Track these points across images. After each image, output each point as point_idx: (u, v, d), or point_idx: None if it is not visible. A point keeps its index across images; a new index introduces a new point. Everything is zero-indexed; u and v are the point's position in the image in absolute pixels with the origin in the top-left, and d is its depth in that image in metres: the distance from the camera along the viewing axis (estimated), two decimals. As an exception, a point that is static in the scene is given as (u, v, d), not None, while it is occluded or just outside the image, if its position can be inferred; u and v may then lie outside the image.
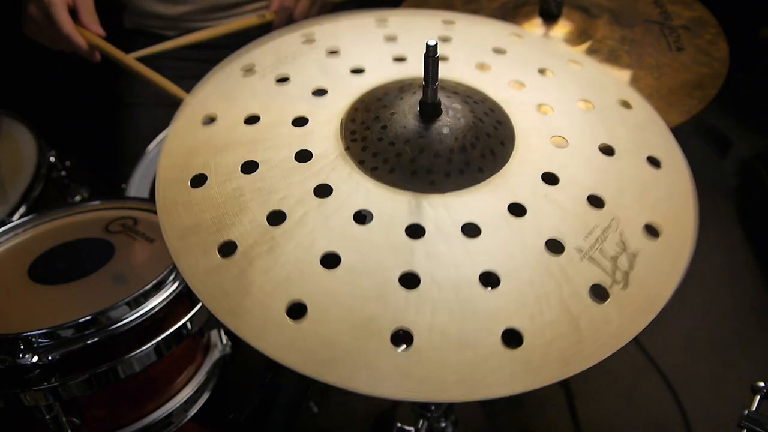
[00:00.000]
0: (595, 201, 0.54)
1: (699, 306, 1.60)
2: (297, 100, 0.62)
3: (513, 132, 0.59)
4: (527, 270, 0.49)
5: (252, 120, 0.60)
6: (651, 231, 0.53)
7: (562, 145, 0.59)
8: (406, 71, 0.65)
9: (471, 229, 0.51)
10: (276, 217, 0.52)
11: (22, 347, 0.67)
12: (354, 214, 0.52)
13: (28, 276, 0.80)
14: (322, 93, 0.63)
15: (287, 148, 0.57)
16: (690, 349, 1.56)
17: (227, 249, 0.51)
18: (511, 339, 0.46)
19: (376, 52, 0.68)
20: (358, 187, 0.54)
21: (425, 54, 0.52)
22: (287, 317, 0.47)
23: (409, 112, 0.58)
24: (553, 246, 0.51)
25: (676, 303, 0.48)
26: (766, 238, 1.77)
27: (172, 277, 0.76)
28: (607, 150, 0.59)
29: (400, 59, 0.67)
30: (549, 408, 1.42)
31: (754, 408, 0.68)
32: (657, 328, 0.47)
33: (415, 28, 0.72)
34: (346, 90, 0.63)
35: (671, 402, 1.44)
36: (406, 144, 0.56)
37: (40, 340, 0.68)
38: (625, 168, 0.57)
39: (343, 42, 0.69)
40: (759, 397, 0.69)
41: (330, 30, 0.71)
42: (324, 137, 0.58)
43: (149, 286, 0.74)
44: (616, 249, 0.51)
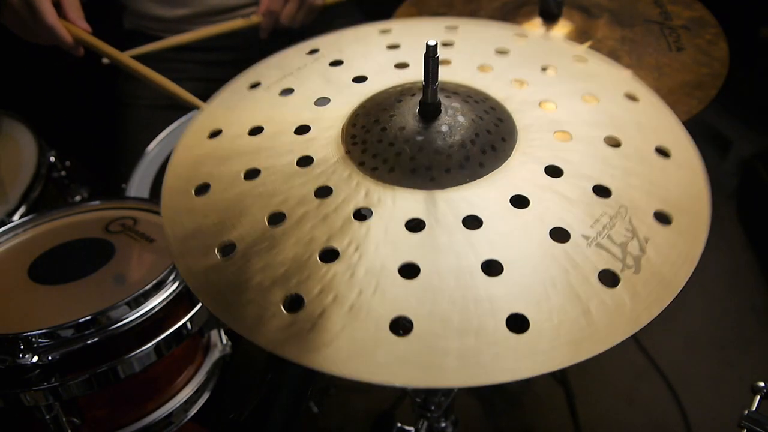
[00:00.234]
0: (602, 191, 0.53)
1: (699, 306, 1.60)
2: (300, 109, 0.63)
3: (515, 128, 0.59)
4: (531, 257, 0.49)
5: (256, 131, 0.61)
6: (662, 218, 0.52)
7: (565, 140, 0.58)
8: (408, 77, 0.66)
9: (472, 221, 0.51)
10: (276, 218, 0.53)
11: (22, 347, 0.68)
12: (354, 212, 0.52)
13: (28, 276, 0.80)
14: (324, 102, 0.64)
15: (289, 155, 0.58)
16: (690, 349, 1.56)
17: (227, 249, 0.52)
18: (517, 324, 0.45)
19: (378, 60, 0.69)
20: (357, 187, 0.54)
21: (425, 54, 0.53)
22: (283, 309, 0.47)
23: (409, 113, 0.58)
24: (558, 234, 0.50)
25: (676, 303, 0.48)
26: (766, 238, 1.77)
27: (172, 277, 0.76)
28: (613, 142, 0.58)
29: (402, 66, 0.68)
30: (549, 408, 1.42)
31: (754, 408, 0.68)
32: (657, 328, 0.47)
33: (418, 35, 0.72)
34: (348, 98, 0.64)
35: (671, 402, 1.44)
36: (405, 143, 0.56)
37: (40, 340, 0.68)
38: (632, 159, 0.57)
39: (347, 52, 0.70)
40: (759, 397, 0.69)
41: (334, 41, 0.72)
42: (325, 143, 0.59)
43: (149, 286, 0.74)
44: (625, 235, 0.50)
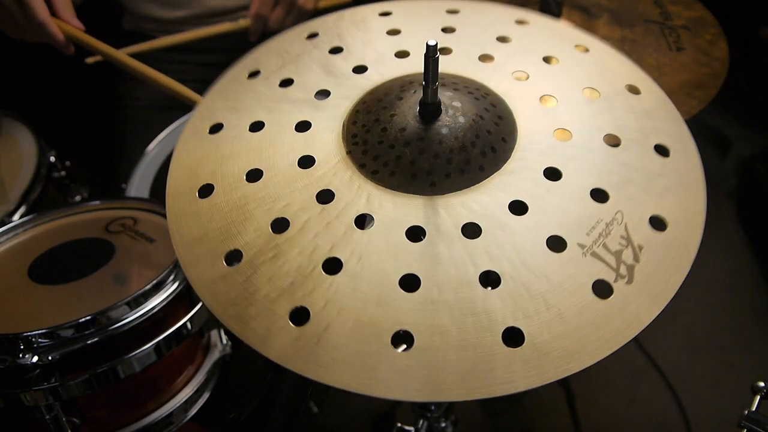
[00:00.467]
0: (599, 195, 0.53)
1: (699, 306, 1.60)
2: (300, 103, 0.62)
3: (515, 127, 0.59)
4: (528, 269, 0.49)
5: (257, 126, 0.61)
6: (657, 223, 0.52)
7: (565, 139, 0.58)
8: (409, 66, 0.65)
9: (471, 230, 0.51)
10: (279, 225, 0.53)
11: (22, 347, 0.68)
12: (355, 218, 0.52)
13: (28, 276, 0.80)
14: (325, 95, 0.63)
15: (290, 154, 0.58)
16: (690, 349, 1.56)
17: (233, 257, 0.52)
18: (513, 337, 0.46)
19: (378, 47, 0.67)
20: (359, 192, 0.54)
21: (425, 54, 0.52)
22: (290, 323, 0.47)
23: (409, 112, 0.57)
24: (555, 243, 0.50)
25: (676, 303, 0.48)
26: (766, 238, 1.77)
27: (172, 277, 0.76)
28: (612, 141, 0.58)
29: (402, 54, 0.66)
30: (549, 408, 1.42)
31: (754, 408, 0.68)
32: (657, 328, 0.47)
33: (418, 19, 0.71)
34: (348, 90, 0.63)
35: (671, 402, 1.44)
36: (405, 146, 0.56)
37: (40, 340, 0.68)
38: (631, 159, 0.56)
39: (346, 38, 0.68)
40: (759, 397, 0.69)
41: (333, 25, 0.70)
42: (326, 141, 0.58)
43: (149, 286, 0.74)
44: (620, 243, 0.51)
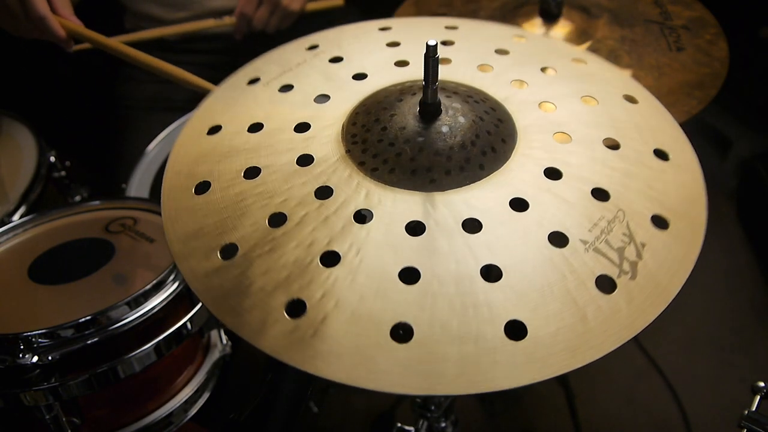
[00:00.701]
0: (600, 194, 0.54)
1: (699, 306, 1.60)
2: (300, 106, 0.63)
3: (515, 129, 0.59)
4: (529, 262, 0.49)
5: (255, 128, 0.61)
6: (659, 222, 0.52)
7: (565, 141, 0.59)
8: (408, 75, 0.66)
9: (472, 225, 0.51)
10: (277, 220, 0.53)
11: (22, 347, 0.68)
12: (354, 214, 0.52)
13: (28, 276, 0.80)
14: (324, 99, 0.64)
15: (289, 153, 0.58)
16: (690, 349, 1.56)
17: (229, 251, 0.51)
18: (515, 331, 0.46)
19: (378, 57, 0.68)
20: (358, 188, 0.54)
21: (425, 54, 0.52)
22: (286, 315, 0.47)
23: (409, 112, 0.58)
24: (557, 239, 0.51)
25: (676, 303, 0.48)
26: (766, 238, 1.77)
27: (172, 277, 0.76)
28: (612, 144, 0.58)
29: (402, 63, 0.67)
30: (549, 408, 1.42)
31: (754, 408, 0.68)
32: (657, 328, 0.47)
33: (418, 33, 0.72)
34: (348, 95, 0.63)
35: (671, 402, 1.44)
36: (405, 144, 0.56)
37: (40, 340, 0.68)
38: (631, 161, 0.57)
39: (346, 49, 0.70)
40: (759, 397, 0.69)
41: (334, 38, 0.72)
42: (325, 142, 0.59)
43: (149, 286, 0.74)
44: (623, 240, 0.51)
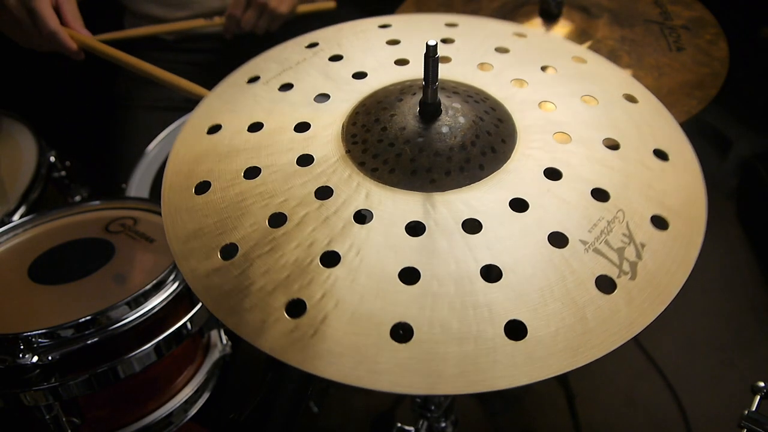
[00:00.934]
0: (600, 194, 0.54)
1: (699, 306, 1.60)
2: (299, 106, 0.63)
3: (515, 129, 0.59)
4: (529, 263, 0.49)
5: (255, 127, 0.61)
6: (659, 222, 0.53)
7: (565, 141, 0.59)
8: (408, 74, 0.65)
9: (472, 225, 0.51)
10: (277, 220, 0.53)
11: (22, 347, 0.68)
12: (354, 214, 0.52)
13: (28, 276, 0.80)
14: (324, 98, 0.63)
15: (289, 153, 0.58)
16: (690, 349, 1.56)
17: (229, 251, 0.51)
18: (515, 331, 0.46)
19: (378, 56, 0.68)
20: (358, 188, 0.54)
21: (425, 54, 0.52)
22: (286, 314, 0.47)
23: (409, 112, 0.58)
24: (557, 239, 0.51)
25: (676, 303, 0.48)
26: (766, 238, 1.77)
27: (172, 277, 0.76)
28: (612, 144, 0.58)
29: (402, 62, 0.67)
30: (549, 408, 1.42)
31: (754, 408, 0.68)
32: (657, 328, 0.47)
33: (418, 31, 0.72)
34: (348, 95, 0.63)
35: (671, 402, 1.44)
36: (405, 144, 0.56)
37: (40, 340, 0.68)
38: (631, 161, 0.57)
39: (346, 47, 0.69)
40: (759, 397, 0.69)
41: (333, 35, 0.72)
42: (325, 141, 0.59)
43: (149, 286, 0.74)
44: (622, 240, 0.51)
